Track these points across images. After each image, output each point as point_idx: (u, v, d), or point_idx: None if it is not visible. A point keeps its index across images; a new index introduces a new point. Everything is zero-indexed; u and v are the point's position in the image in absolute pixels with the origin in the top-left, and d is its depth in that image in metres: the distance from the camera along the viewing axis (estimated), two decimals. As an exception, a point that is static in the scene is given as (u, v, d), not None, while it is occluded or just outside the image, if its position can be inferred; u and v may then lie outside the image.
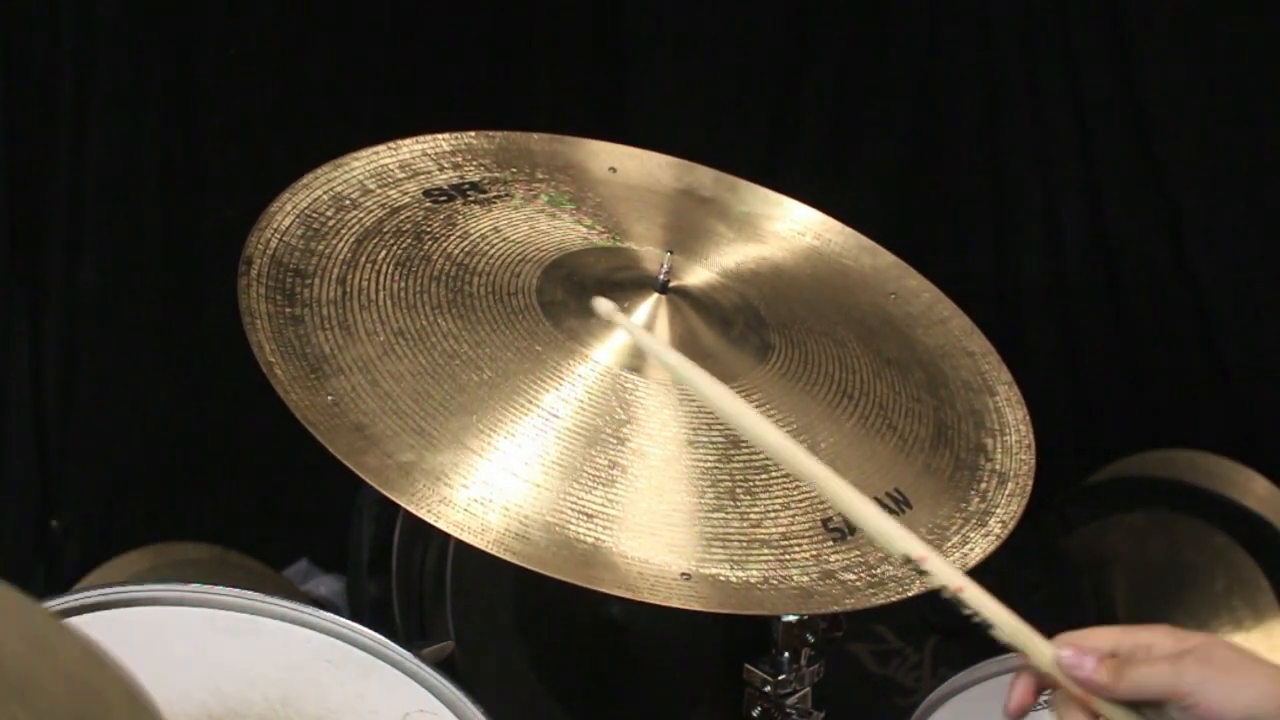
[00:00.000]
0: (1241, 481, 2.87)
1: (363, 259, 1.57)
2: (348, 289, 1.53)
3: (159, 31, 2.62)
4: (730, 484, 1.47)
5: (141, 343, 2.72)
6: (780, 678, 1.59)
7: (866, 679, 2.58)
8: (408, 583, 2.29)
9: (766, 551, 1.43)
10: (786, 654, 1.59)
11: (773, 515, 1.46)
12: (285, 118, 2.75)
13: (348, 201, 1.63)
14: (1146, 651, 1.19)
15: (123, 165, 2.64)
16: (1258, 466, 2.88)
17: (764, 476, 1.49)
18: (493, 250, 1.61)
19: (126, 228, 2.66)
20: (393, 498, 1.38)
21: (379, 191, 1.65)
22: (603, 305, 1.36)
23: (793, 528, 1.46)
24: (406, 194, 1.66)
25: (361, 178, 1.66)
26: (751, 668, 1.60)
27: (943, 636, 2.60)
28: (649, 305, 1.58)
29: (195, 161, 2.71)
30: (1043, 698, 1.25)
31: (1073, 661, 1.19)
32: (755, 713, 1.61)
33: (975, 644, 2.68)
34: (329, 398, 1.43)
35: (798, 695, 1.61)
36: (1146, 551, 2.82)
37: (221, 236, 2.59)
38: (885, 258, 1.81)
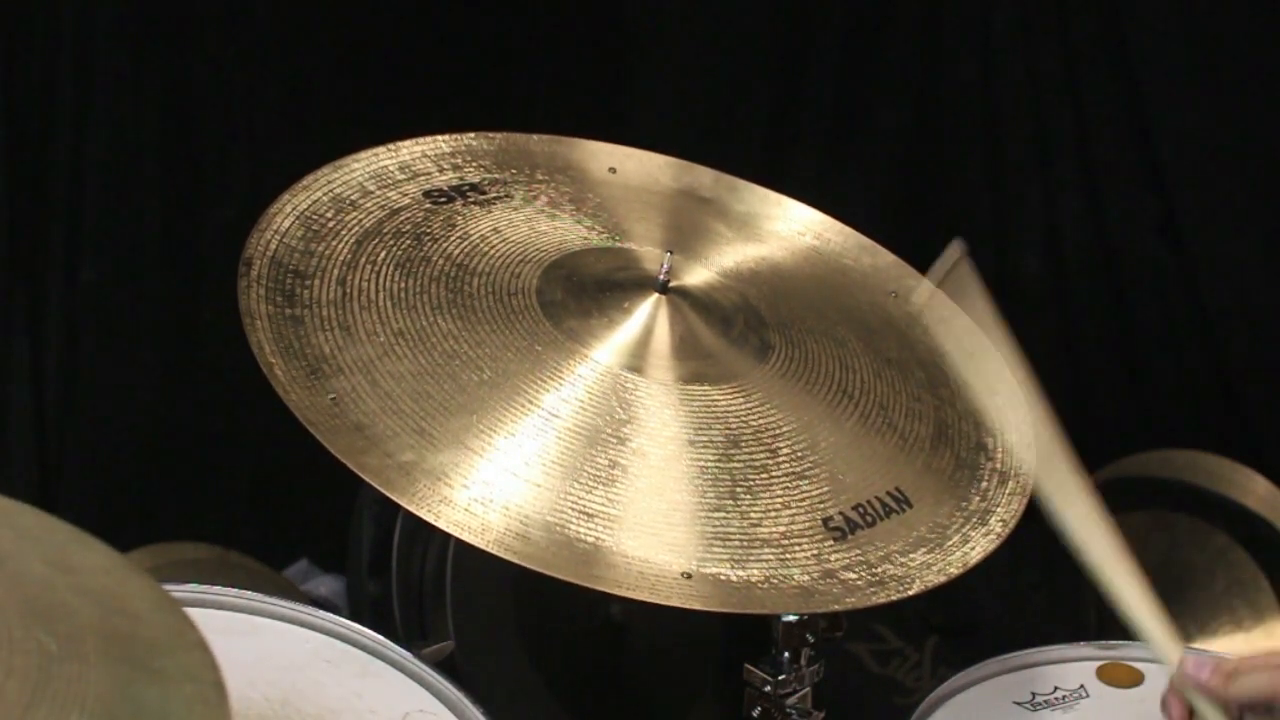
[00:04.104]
0: (1241, 481, 2.87)
1: (362, 260, 1.57)
2: (348, 290, 1.53)
3: (159, 31, 2.63)
4: (730, 483, 1.47)
5: (141, 343, 2.72)
6: (780, 678, 1.59)
7: (866, 679, 2.58)
8: (408, 583, 2.29)
9: (767, 551, 1.44)
10: (786, 654, 1.59)
11: (773, 514, 1.46)
12: (285, 118, 2.75)
13: (347, 203, 1.63)
14: (1253, 663, 1.34)
15: (123, 165, 2.64)
16: (1258, 466, 2.87)
17: (764, 476, 1.49)
18: (492, 251, 1.61)
19: (126, 228, 2.67)
20: (393, 498, 1.38)
21: (379, 193, 1.65)
22: None
23: (793, 527, 1.46)
24: (406, 195, 1.66)
25: (361, 179, 1.66)
26: (751, 668, 1.60)
27: (943, 636, 2.60)
28: (649, 305, 1.59)
29: (195, 161, 2.71)
30: None
31: (1191, 667, 1.34)
32: (755, 713, 1.61)
33: (975, 644, 2.68)
34: (329, 398, 1.43)
35: (798, 695, 1.61)
36: (1146, 551, 2.81)
37: (221, 236, 2.60)
38: (885, 257, 1.81)
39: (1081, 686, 1.73)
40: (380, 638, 1.59)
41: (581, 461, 1.44)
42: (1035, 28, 2.95)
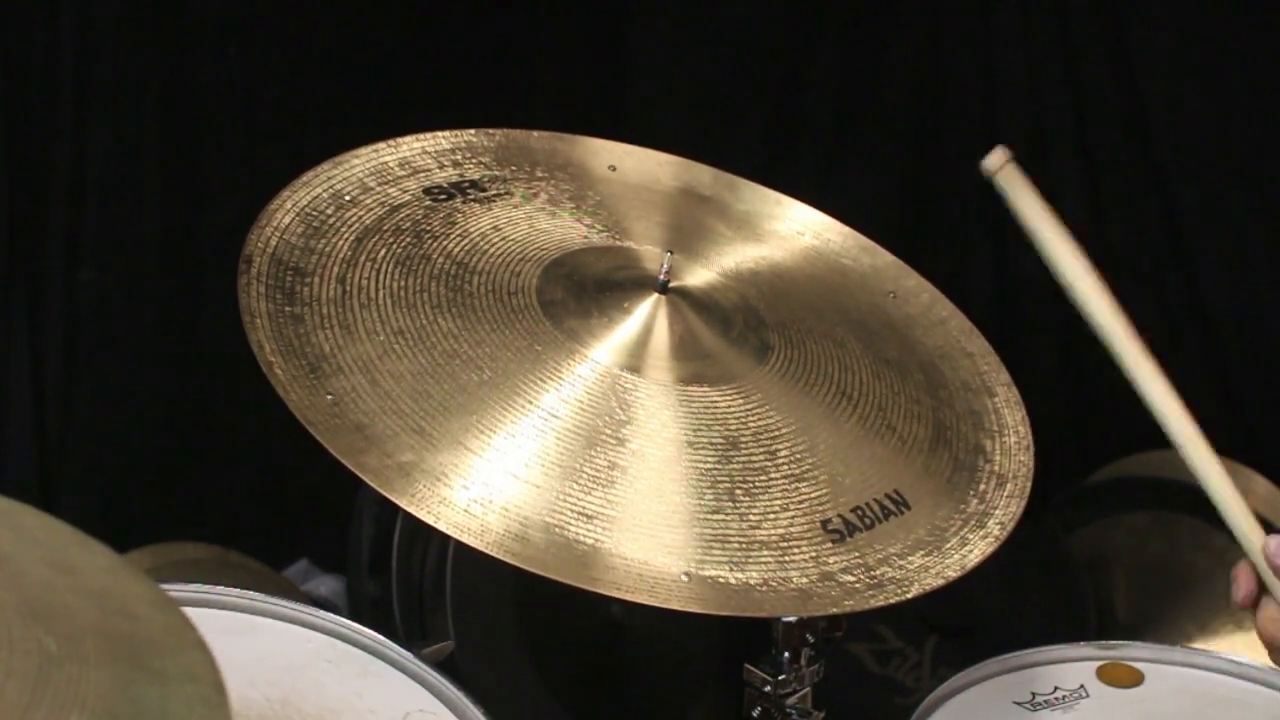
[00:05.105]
0: (1241, 481, 2.87)
1: (362, 257, 1.56)
2: (348, 287, 1.53)
3: (159, 31, 2.63)
4: (729, 485, 1.47)
5: (141, 343, 2.72)
6: (780, 678, 1.59)
7: (866, 679, 2.59)
8: (408, 583, 2.29)
9: (766, 553, 1.43)
10: (786, 654, 1.59)
11: (772, 517, 1.46)
12: (285, 117, 2.75)
13: (347, 199, 1.62)
14: None
15: (123, 165, 2.64)
16: (1258, 466, 2.88)
17: (763, 478, 1.48)
18: (492, 249, 1.61)
19: (126, 228, 2.67)
20: (392, 498, 1.38)
21: (379, 189, 1.65)
22: None
23: (792, 529, 1.46)
24: (406, 192, 1.66)
25: (361, 175, 1.66)
26: (751, 668, 1.60)
27: (943, 636, 2.60)
28: (649, 305, 1.58)
29: (195, 161, 2.71)
30: None
31: (1275, 549, 1.35)
32: (755, 713, 1.61)
33: (975, 644, 2.68)
34: (329, 397, 1.43)
35: (798, 695, 1.61)
36: (1146, 551, 2.82)
37: (222, 236, 2.59)
38: (884, 258, 1.81)
39: (1081, 686, 1.73)
40: (380, 638, 1.59)
41: (580, 463, 1.44)
42: (1035, 27, 2.95)
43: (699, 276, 1.66)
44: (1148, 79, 2.91)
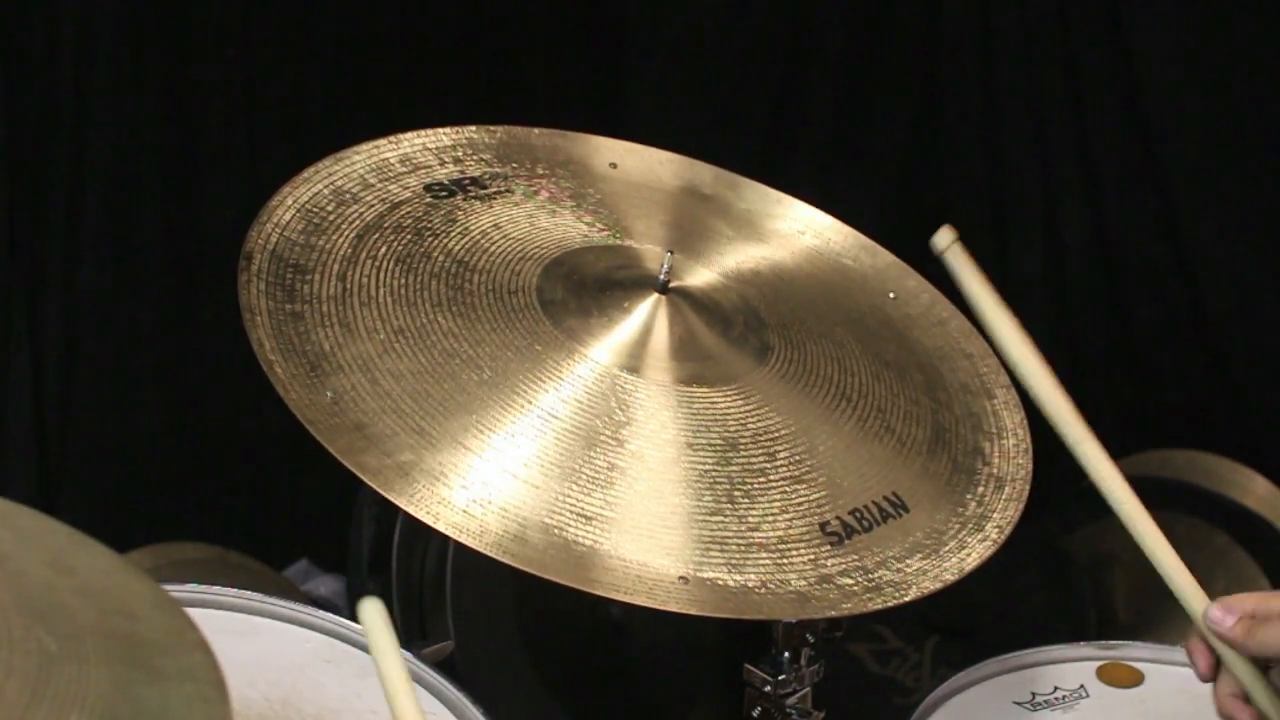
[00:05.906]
0: (1241, 481, 2.87)
1: (363, 255, 1.56)
2: (348, 285, 1.53)
3: (159, 31, 2.62)
4: (728, 487, 1.47)
5: (141, 342, 2.72)
6: (780, 678, 1.59)
7: (866, 679, 2.58)
8: (408, 583, 2.28)
9: (764, 555, 1.43)
10: (786, 654, 1.59)
11: (770, 519, 1.46)
12: (285, 117, 2.75)
13: (348, 195, 1.62)
14: (1271, 609, 1.30)
15: (123, 165, 2.64)
16: (1258, 466, 2.87)
17: (762, 480, 1.48)
18: (493, 247, 1.61)
19: (126, 228, 2.67)
20: (391, 498, 1.38)
21: (379, 186, 1.65)
22: None
23: (790, 531, 1.46)
24: (407, 188, 1.66)
25: (362, 172, 1.66)
26: (751, 668, 1.60)
27: (943, 636, 2.60)
28: (649, 305, 1.58)
29: (195, 161, 2.71)
30: None
31: (1216, 617, 1.31)
32: (755, 713, 1.61)
33: (975, 644, 2.68)
34: (329, 394, 1.43)
35: (798, 695, 1.61)
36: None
37: (222, 236, 2.60)
38: (885, 258, 1.81)
39: (1081, 686, 1.73)
40: (380, 638, 1.59)
41: (580, 463, 1.44)
42: (1035, 28, 2.95)
43: (699, 276, 1.66)
44: (1148, 78, 2.91)
